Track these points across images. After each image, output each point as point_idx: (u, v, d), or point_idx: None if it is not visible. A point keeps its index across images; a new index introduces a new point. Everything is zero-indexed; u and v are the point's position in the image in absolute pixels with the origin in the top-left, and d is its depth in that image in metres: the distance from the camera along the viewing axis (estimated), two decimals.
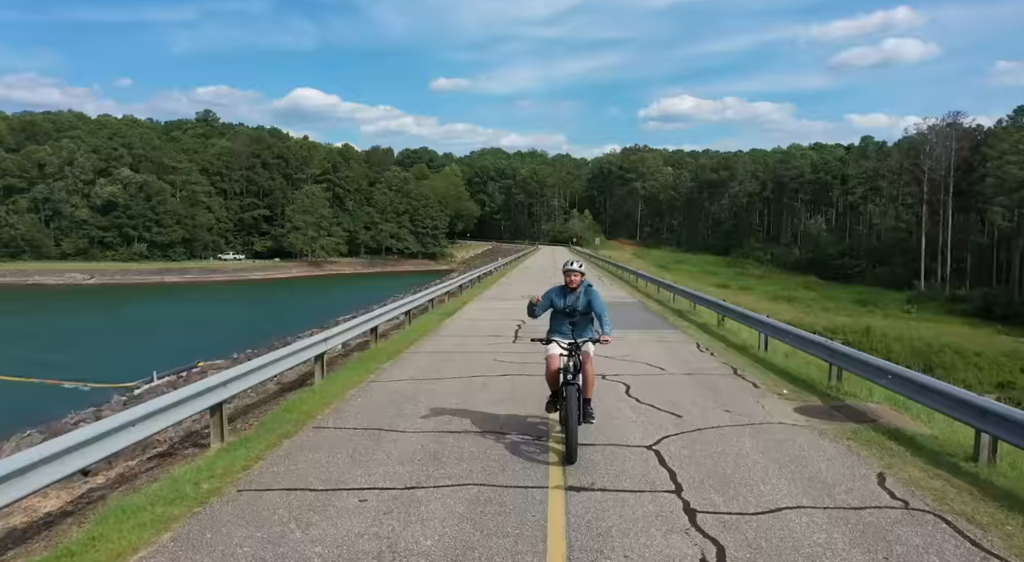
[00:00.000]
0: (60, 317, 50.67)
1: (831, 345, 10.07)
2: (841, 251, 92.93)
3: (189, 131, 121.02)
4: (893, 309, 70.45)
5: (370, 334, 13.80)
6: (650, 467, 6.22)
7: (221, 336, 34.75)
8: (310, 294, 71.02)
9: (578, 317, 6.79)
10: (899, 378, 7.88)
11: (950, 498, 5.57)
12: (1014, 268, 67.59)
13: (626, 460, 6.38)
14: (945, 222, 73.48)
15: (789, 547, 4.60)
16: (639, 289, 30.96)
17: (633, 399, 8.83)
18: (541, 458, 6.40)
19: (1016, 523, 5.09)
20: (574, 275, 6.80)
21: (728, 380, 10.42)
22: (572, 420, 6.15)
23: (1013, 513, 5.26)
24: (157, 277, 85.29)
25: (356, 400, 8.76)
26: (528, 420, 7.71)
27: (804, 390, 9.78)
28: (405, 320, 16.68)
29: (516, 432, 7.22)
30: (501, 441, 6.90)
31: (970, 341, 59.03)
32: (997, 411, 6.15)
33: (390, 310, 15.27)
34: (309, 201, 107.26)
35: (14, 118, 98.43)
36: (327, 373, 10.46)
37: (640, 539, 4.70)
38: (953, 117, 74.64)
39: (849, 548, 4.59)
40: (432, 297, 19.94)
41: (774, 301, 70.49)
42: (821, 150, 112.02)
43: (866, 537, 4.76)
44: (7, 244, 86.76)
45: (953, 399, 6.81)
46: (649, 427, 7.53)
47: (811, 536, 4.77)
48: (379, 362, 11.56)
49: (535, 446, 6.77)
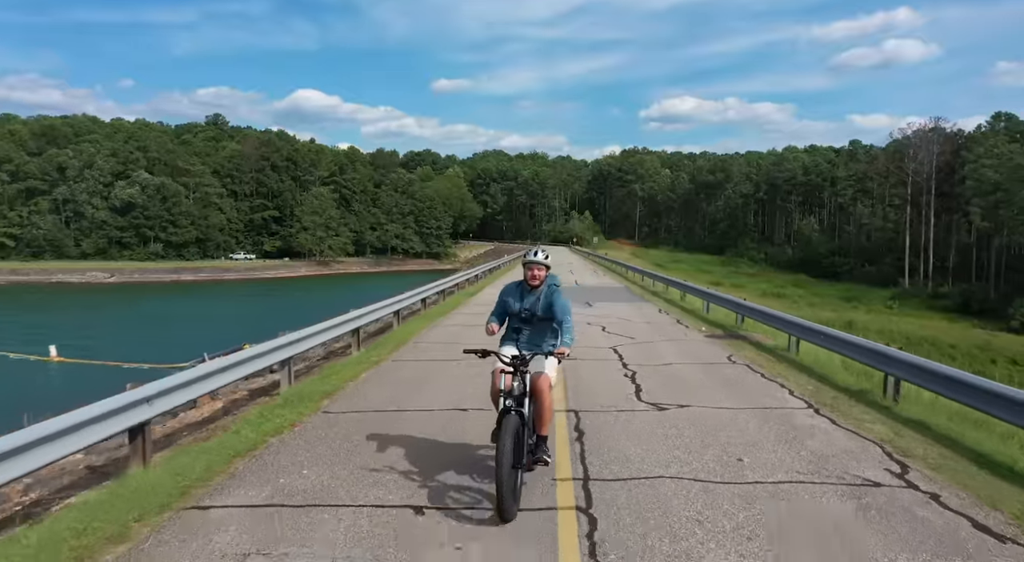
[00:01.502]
0: (95, 311, 54.27)
1: (739, 301, 16.63)
2: (831, 250, 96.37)
3: (199, 134, 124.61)
4: (877, 305, 73.83)
5: (421, 304, 18.75)
6: (609, 353, 11.89)
7: (247, 327, 38.20)
8: (321, 291, 74.55)
9: (534, 323, 5.35)
10: (757, 312, 14.17)
11: (758, 362, 11.37)
12: (991, 266, 71.04)
13: (597, 352, 11.98)
14: (928, 222, 76.94)
15: (671, 373, 10.12)
16: (627, 279, 36.80)
17: (607, 332, 14.54)
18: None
19: (789, 374, 10.18)
20: (537, 269, 5.30)
21: (671, 325, 16.44)
22: (505, 461, 4.42)
23: (792, 370, 10.76)
24: (173, 276, 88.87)
25: (433, 330, 14.40)
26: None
27: (717, 329, 15.65)
28: (440, 297, 21.40)
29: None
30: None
31: (946, 334, 62.55)
32: (802, 324, 11.93)
33: (430, 288, 19.78)
34: (317, 202, 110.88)
35: (34, 122, 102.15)
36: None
37: (603, 373, 10.05)
38: (935, 122, 78.20)
39: (698, 374, 10.12)
40: (456, 283, 25.62)
41: (763, 297, 73.81)
42: (813, 152, 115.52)
43: (708, 372, 10.39)
44: (29, 244, 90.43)
45: (780, 319, 12.71)
46: (613, 341, 13.18)
47: (682, 370, 10.44)
48: (432, 320, 16.75)
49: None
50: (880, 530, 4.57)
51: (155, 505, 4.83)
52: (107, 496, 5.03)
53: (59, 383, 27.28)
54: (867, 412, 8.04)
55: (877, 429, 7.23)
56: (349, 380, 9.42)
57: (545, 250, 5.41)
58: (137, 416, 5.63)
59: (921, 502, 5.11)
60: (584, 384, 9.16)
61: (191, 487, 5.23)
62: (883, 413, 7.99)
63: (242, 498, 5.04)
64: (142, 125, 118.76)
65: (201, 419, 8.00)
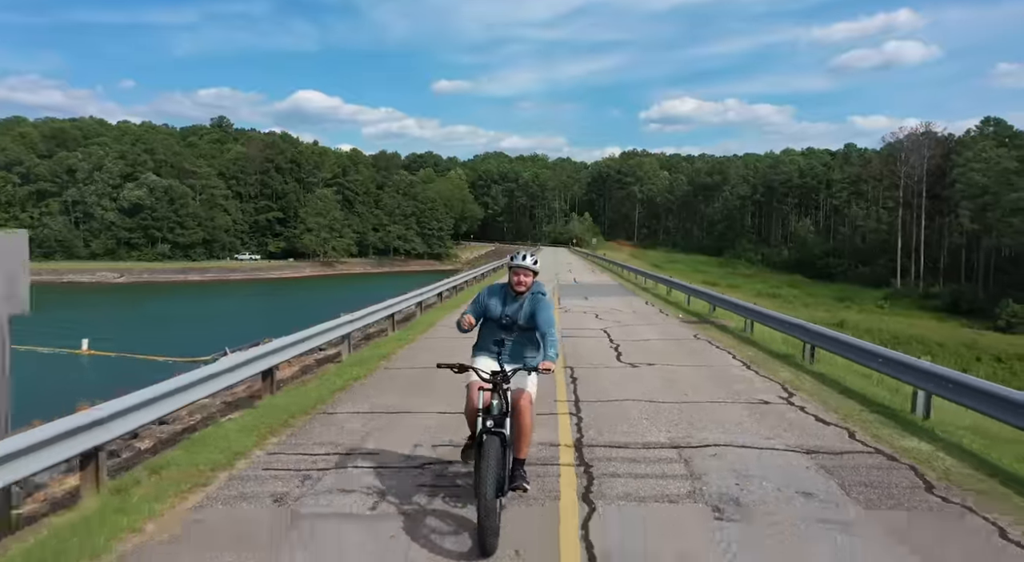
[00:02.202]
0: (111, 309, 56.10)
1: (712, 293, 19.11)
2: (825, 251, 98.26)
3: (204, 136, 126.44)
4: (869, 305, 75.67)
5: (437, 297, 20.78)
6: (600, 333, 14.49)
7: (260, 324, 39.98)
8: (330, 290, 76.33)
9: (515, 333, 4.93)
10: (724, 301, 16.85)
11: (717, 338, 14.02)
12: (980, 267, 72.93)
13: (591, 332, 14.68)
14: (919, 224, 78.84)
15: (646, 346, 12.72)
16: (622, 277, 39.64)
17: (599, 318, 17.35)
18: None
19: (738, 345, 12.63)
20: (524, 274, 4.89)
21: (654, 313, 19.16)
22: (487, 489, 4.12)
23: (742, 343, 12.94)
24: (181, 276, 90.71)
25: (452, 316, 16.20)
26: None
27: (692, 316, 18.43)
28: (452, 292, 23.42)
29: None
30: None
31: (935, 333, 64.42)
32: (754, 309, 14.68)
33: (444, 284, 21.99)
34: (321, 204, 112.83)
35: (44, 125, 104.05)
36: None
37: (594, 345, 11.97)
38: (926, 126, 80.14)
39: (668, 346, 12.85)
40: (467, 279, 28.38)
41: (759, 297, 75.71)
42: (809, 155, 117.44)
43: (676, 344, 13.09)
44: (40, 244, 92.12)
45: (739, 306, 15.26)
46: (603, 324, 15.99)
47: (656, 344, 13.12)
48: (448, 310, 18.53)
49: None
50: (760, 421, 7.43)
51: (298, 412, 7.67)
52: (265, 408, 7.91)
53: (96, 374, 29.10)
54: (784, 367, 10.90)
55: (784, 375, 10.17)
56: (395, 349, 12.11)
57: (534, 255, 5.01)
58: (268, 362, 8.52)
59: (791, 410, 8.00)
60: (579, 352, 11.54)
61: (315, 405, 8.04)
62: (796, 368, 10.88)
63: (351, 408, 7.89)
64: (148, 128, 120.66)
65: (291, 375, 10.29)
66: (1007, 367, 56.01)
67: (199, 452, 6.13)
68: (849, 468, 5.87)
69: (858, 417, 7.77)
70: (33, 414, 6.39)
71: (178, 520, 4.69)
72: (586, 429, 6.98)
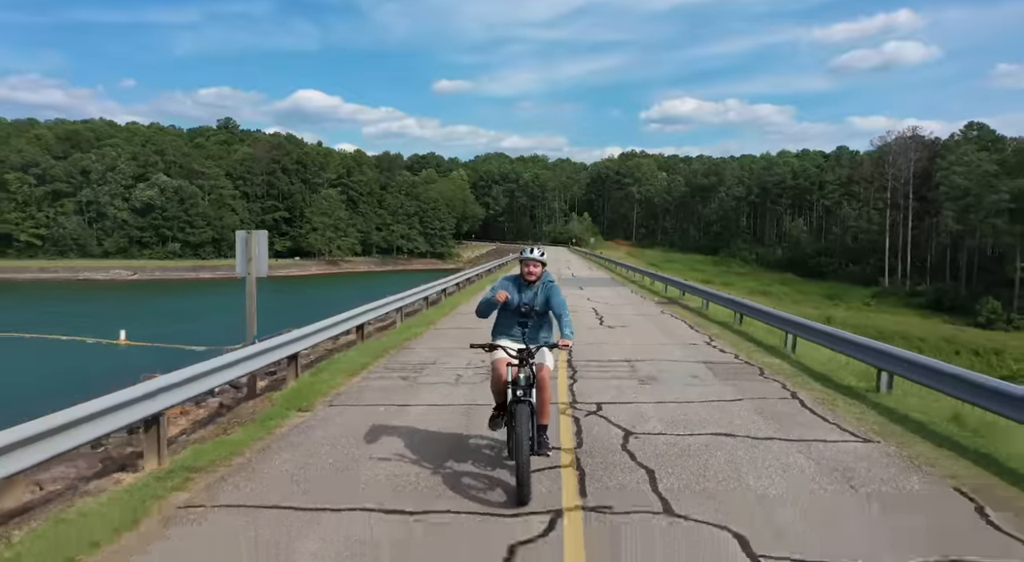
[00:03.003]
0: (133, 304, 58.92)
1: (682, 282, 23.07)
2: (817, 251, 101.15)
3: (211, 137, 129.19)
4: (857, 303, 78.44)
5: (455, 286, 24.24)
6: (591, 310, 19.04)
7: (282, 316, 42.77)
8: (336, 287, 79.13)
9: (533, 318, 5.72)
10: (690, 287, 20.85)
11: (680, 314, 18.81)
12: (963, 266, 75.81)
13: (583, 309, 18.99)
14: (906, 225, 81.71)
15: (625, 318, 17.59)
16: (614, 273, 43.92)
17: (590, 301, 21.69)
18: None
19: (695, 319, 16.12)
20: (533, 265, 5.66)
21: (635, 298, 24.02)
22: (523, 450, 4.95)
23: (698, 317, 17.15)
24: (192, 273, 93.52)
25: (469, 304, 19.19)
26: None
27: (666, 299, 23.23)
28: (456, 288, 26.40)
29: None
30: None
31: (918, 329, 67.24)
32: (709, 292, 18.20)
33: (461, 275, 25.87)
34: (327, 204, 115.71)
35: (58, 127, 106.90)
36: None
37: (585, 318, 16.29)
38: (912, 131, 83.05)
39: (640, 319, 17.68)
40: (479, 273, 32.39)
41: (751, 294, 78.61)
42: (804, 157, 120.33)
43: (647, 318, 17.95)
44: (56, 243, 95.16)
45: (699, 290, 18.87)
46: (593, 305, 19.58)
47: (632, 317, 17.98)
48: (466, 298, 21.34)
49: None
50: (684, 351, 11.98)
51: (391, 347, 12.31)
52: (364, 347, 12.49)
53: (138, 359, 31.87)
54: (717, 328, 15.73)
55: (713, 331, 15.07)
56: (434, 320, 15.97)
57: (541, 248, 5.77)
58: (362, 319, 10.97)
59: (707, 347, 12.68)
60: (573, 321, 15.06)
61: (397, 344, 12.74)
62: (726, 328, 15.68)
63: (420, 348, 12.33)
64: (157, 129, 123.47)
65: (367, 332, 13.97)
66: (984, 360, 58.92)
67: (341, 365, 10.11)
68: (722, 367, 10.62)
69: (747, 350, 12.37)
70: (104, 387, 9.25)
71: (355, 385, 9.34)
72: (574, 356, 10.92)
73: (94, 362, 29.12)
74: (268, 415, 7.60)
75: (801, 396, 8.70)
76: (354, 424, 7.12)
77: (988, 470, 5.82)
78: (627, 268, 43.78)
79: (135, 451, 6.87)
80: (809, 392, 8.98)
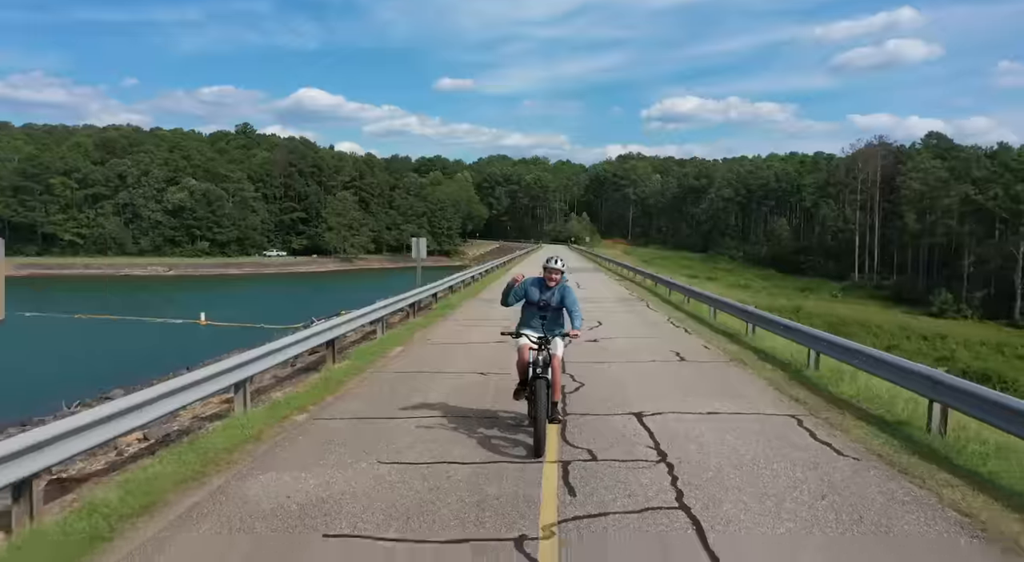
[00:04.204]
0: (182, 294, 67.24)
1: (649, 272, 30.72)
2: (797, 249, 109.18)
3: (231, 142, 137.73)
4: (826, 295, 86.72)
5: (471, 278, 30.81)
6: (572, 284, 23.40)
7: (322, 303, 50.82)
8: (355, 282, 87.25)
9: (550, 312, 7.05)
10: (655, 277, 25.39)
11: (646, 298, 25.46)
12: (921, 262, 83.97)
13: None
14: (873, 225, 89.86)
15: (600, 296, 24.80)
16: (600, 266, 52.27)
17: (582, 290, 25.93)
18: None
19: (659, 304, 22.71)
20: (555, 274, 6.96)
21: (608, 280, 32.54)
22: (541, 414, 6.38)
23: (662, 303, 23.19)
24: (222, 270, 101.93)
25: (484, 293, 25.67)
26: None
27: (661, 301, 26.04)
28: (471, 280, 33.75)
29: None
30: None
31: (876, 317, 75.37)
32: (669, 281, 24.99)
33: (477, 269, 33.23)
34: (341, 205, 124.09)
35: (96, 134, 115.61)
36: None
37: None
38: (879, 139, 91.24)
39: (614, 300, 24.16)
40: (495, 266, 39.94)
41: (730, 288, 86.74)
42: (786, 160, 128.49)
43: (618, 300, 24.67)
44: (96, 242, 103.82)
45: (662, 280, 24.09)
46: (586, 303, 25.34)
47: (606, 298, 23.67)
48: (480, 289, 28.48)
49: None
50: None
51: (428, 324, 17.51)
52: (406, 327, 18.36)
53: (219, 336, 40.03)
54: (668, 308, 21.59)
55: (668, 310, 21.01)
56: (429, 325, 22.39)
57: (563, 260, 7.12)
58: (409, 301, 18.87)
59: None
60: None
61: (418, 327, 17.29)
62: (675, 309, 21.60)
63: (443, 327, 16.98)
64: (180, 134, 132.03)
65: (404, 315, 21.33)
66: (930, 343, 67.13)
67: (382, 343, 16.16)
68: (631, 303, 19.34)
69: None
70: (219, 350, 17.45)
71: (399, 351, 12.95)
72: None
73: (193, 336, 37.35)
74: (396, 337, 15.87)
75: (674, 320, 16.72)
76: (449, 332, 15.59)
77: (770, 363, 14.05)
78: (607, 261, 53.34)
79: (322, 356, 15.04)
80: (679, 317, 16.93)
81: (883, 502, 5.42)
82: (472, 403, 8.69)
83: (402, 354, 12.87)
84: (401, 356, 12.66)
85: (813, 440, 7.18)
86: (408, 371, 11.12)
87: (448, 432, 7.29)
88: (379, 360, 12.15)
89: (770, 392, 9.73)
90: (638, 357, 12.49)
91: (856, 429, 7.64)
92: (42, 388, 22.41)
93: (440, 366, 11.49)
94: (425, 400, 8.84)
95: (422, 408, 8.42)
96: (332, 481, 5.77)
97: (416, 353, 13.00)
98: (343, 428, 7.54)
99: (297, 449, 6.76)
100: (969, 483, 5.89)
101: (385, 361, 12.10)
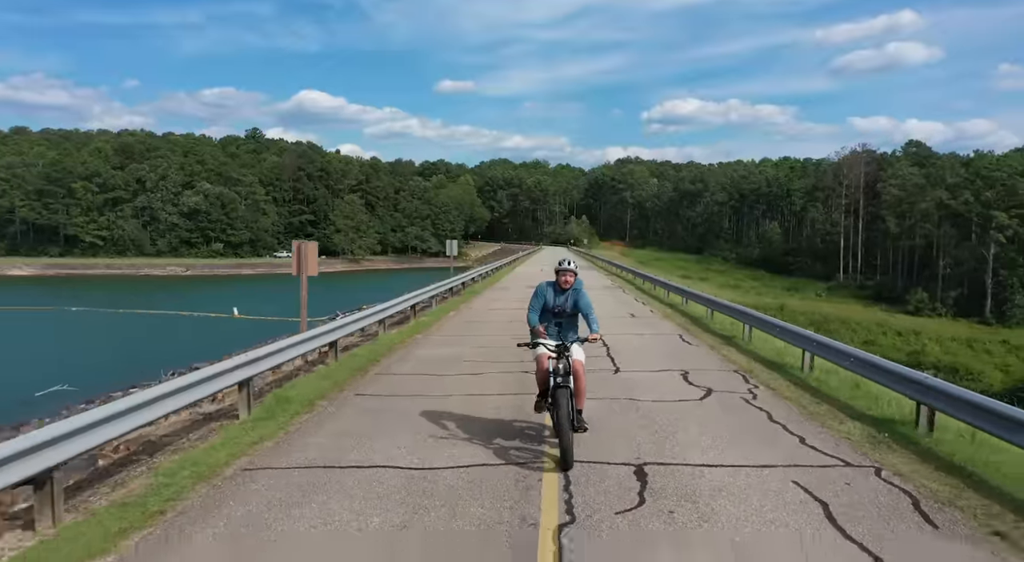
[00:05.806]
0: (205, 293, 71.89)
1: (634, 269, 35.80)
2: (787, 250, 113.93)
3: (241, 147, 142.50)
4: (812, 294, 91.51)
5: (479, 276, 35.58)
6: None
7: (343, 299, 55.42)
8: (366, 282, 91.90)
9: (565, 319, 6.89)
10: (638, 273, 30.12)
11: (627, 289, 30.18)
12: (901, 263, 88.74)
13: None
14: (857, 228, 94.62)
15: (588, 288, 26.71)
16: (594, 264, 56.72)
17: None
18: None
19: (642, 296, 27.58)
20: (568, 275, 6.82)
21: (598, 276, 36.31)
22: (564, 425, 6.11)
23: (645, 296, 28.15)
24: (236, 270, 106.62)
25: (491, 290, 30.39)
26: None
27: (650, 297, 30.72)
28: (490, 272, 38.62)
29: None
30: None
31: (857, 315, 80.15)
32: (652, 277, 28.81)
33: (484, 269, 37.45)
34: (348, 208, 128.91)
35: (115, 140, 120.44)
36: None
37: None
38: (862, 146, 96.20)
39: (601, 292, 28.08)
40: (500, 265, 43.72)
41: (721, 288, 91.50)
42: (778, 166, 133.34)
43: (605, 291, 29.17)
44: (116, 243, 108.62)
45: (642, 275, 28.91)
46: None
47: (595, 289, 26.26)
48: (488, 285, 33.18)
49: None
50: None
51: (450, 309, 22.44)
52: (431, 314, 23.47)
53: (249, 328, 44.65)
54: (650, 300, 26.34)
55: (659, 307, 25.20)
56: (465, 301, 27.23)
57: (574, 261, 7.00)
58: (435, 291, 23.66)
59: (656, 319, 22.37)
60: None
61: (460, 303, 23.71)
62: (671, 308, 25.86)
63: (451, 323, 19.52)
64: (193, 139, 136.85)
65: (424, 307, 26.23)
66: (904, 339, 71.90)
67: (437, 313, 21.74)
68: (619, 291, 25.19)
69: (661, 306, 23.27)
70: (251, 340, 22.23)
71: (424, 336, 15.94)
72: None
73: (231, 327, 42.02)
74: (445, 308, 20.70)
75: (652, 307, 21.46)
76: (481, 306, 21.29)
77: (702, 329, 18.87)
78: (601, 260, 58.33)
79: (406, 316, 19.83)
80: (660, 307, 21.71)
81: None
82: (504, 332, 15.32)
83: (455, 316, 19.93)
84: (455, 317, 19.75)
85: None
86: (465, 322, 18.85)
87: (496, 337, 14.84)
88: (443, 317, 19.38)
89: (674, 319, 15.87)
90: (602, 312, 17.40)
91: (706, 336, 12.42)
92: (126, 366, 27.12)
93: (484, 319, 19.34)
94: (479, 332, 16.36)
95: (477, 335, 15.89)
96: (454, 350, 13.42)
97: (465, 315, 20.31)
98: (445, 338, 15.55)
99: (431, 342, 14.89)
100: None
101: (446, 319, 19.17)
